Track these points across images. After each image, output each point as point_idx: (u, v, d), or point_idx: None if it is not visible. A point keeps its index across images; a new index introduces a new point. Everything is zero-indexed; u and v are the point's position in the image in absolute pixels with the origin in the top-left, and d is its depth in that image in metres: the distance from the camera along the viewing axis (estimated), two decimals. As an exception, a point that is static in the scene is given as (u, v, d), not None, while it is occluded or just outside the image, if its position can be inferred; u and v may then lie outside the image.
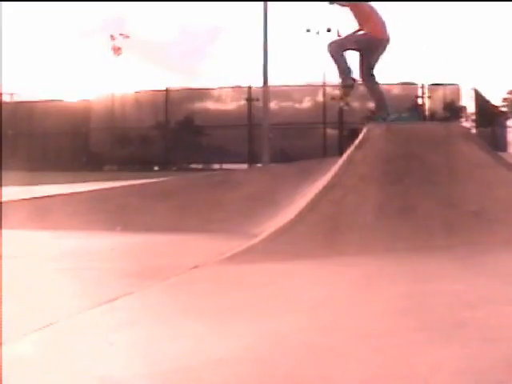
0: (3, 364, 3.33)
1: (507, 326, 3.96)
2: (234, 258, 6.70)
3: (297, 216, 7.52)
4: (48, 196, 11.07)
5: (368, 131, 8.36)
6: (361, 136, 8.36)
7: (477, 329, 3.92)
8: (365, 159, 8.03)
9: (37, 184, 17.15)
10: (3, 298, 4.93)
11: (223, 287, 5.63)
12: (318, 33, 44.38)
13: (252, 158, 30.51)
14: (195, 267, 6.37)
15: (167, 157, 32.96)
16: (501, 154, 10.84)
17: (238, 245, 7.29)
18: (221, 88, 35.63)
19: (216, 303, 4.94)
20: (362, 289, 5.30)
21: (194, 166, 32.52)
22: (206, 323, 4.30)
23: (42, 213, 9.23)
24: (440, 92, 34.28)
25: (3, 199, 11.14)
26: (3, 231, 8.92)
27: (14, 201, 10.96)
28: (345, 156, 8.43)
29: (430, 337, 3.79)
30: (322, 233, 7.22)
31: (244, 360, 3.47)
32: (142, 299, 5.15)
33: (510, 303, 4.59)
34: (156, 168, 31.14)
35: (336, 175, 7.99)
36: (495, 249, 6.81)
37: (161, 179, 13.31)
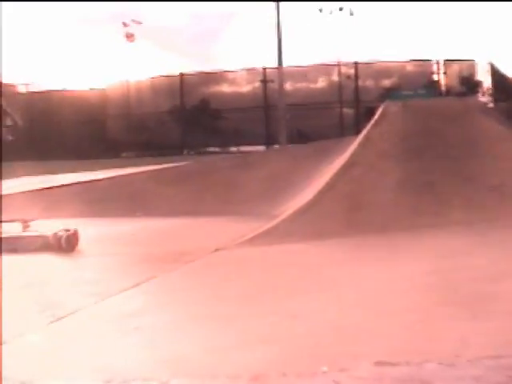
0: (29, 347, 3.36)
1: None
2: (254, 240, 6.71)
3: (316, 196, 7.51)
4: (66, 184, 11.12)
5: (385, 108, 8.34)
6: (378, 114, 8.33)
7: (500, 302, 3.90)
8: (382, 137, 8.01)
9: (56, 173, 17.21)
10: (30, 285, 4.97)
11: (245, 269, 5.64)
12: (330, 12, 44.14)
13: (269, 140, 30.42)
14: (217, 250, 6.39)
15: (184, 141, 32.93)
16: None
17: (258, 226, 7.31)
18: (235, 71, 35.50)
19: (239, 285, 4.96)
20: (384, 266, 5.30)
21: (211, 149, 32.45)
22: (230, 305, 4.32)
23: (61, 201, 9.26)
24: (456, 67, 33.94)
25: (21, 189, 11.20)
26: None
27: (32, 191, 11.02)
28: (362, 134, 8.42)
29: (454, 312, 3.78)
30: (342, 211, 7.22)
31: (269, 340, 3.48)
32: (165, 283, 5.17)
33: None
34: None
35: (354, 154, 7.97)
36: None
37: (179, 164, 13.34)
